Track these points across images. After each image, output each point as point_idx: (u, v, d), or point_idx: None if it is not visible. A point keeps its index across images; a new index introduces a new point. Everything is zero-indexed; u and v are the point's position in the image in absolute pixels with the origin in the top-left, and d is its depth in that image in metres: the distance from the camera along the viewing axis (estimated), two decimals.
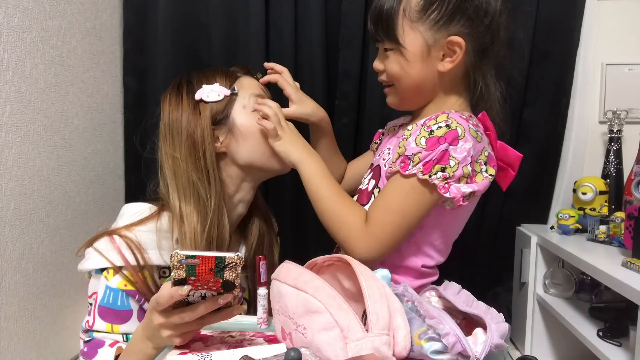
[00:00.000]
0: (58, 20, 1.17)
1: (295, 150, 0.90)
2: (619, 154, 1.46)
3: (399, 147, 0.85)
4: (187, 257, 0.61)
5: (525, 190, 1.51)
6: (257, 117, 0.91)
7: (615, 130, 1.46)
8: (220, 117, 0.91)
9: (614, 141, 1.46)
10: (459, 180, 0.80)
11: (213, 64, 1.42)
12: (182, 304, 0.66)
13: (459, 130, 0.80)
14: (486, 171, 0.83)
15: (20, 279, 1.05)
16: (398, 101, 0.93)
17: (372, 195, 0.92)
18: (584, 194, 1.41)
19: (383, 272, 0.69)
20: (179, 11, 1.43)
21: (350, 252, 0.83)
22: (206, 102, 0.90)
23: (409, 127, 0.87)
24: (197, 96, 0.90)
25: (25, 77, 1.07)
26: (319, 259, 0.73)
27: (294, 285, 0.65)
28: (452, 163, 0.79)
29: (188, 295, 0.65)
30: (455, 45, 0.84)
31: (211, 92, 0.91)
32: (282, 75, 0.99)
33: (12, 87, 1.03)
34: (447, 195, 0.80)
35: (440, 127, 0.80)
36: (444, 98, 0.90)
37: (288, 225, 1.45)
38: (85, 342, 0.86)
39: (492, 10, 0.85)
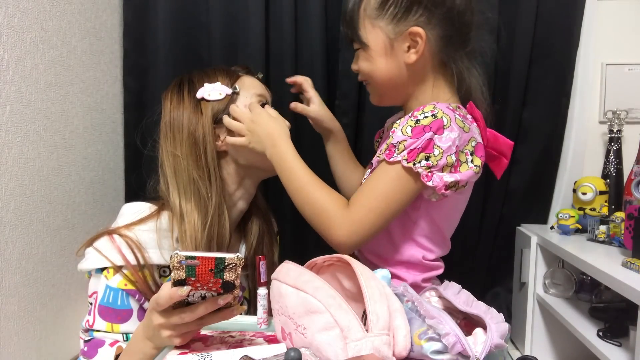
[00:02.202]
0: (58, 20, 1.17)
1: (259, 145, 0.89)
2: (619, 154, 1.46)
3: (388, 137, 0.86)
4: (187, 257, 0.61)
5: (525, 190, 1.51)
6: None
7: (615, 130, 1.46)
8: (222, 115, 0.91)
9: (614, 141, 1.46)
10: (442, 170, 0.81)
11: (213, 64, 1.42)
12: (182, 305, 0.66)
13: (445, 120, 0.80)
14: (472, 161, 0.84)
15: (20, 279, 1.05)
16: (378, 97, 0.96)
17: None
18: (584, 194, 1.41)
19: (383, 272, 0.69)
20: (179, 11, 1.43)
21: (330, 238, 0.84)
22: (208, 101, 0.90)
23: (397, 121, 0.88)
24: (199, 95, 0.90)
25: (25, 77, 1.07)
26: (319, 259, 0.73)
27: (294, 285, 0.65)
28: (436, 152, 0.80)
29: (188, 296, 0.65)
30: (416, 35, 0.85)
31: (213, 90, 0.91)
32: (306, 79, 1.06)
33: (12, 87, 1.03)
34: (430, 184, 0.80)
35: (426, 117, 0.81)
36: (423, 89, 0.91)
37: (288, 225, 1.45)
38: (85, 341, 0.86)
39: None
